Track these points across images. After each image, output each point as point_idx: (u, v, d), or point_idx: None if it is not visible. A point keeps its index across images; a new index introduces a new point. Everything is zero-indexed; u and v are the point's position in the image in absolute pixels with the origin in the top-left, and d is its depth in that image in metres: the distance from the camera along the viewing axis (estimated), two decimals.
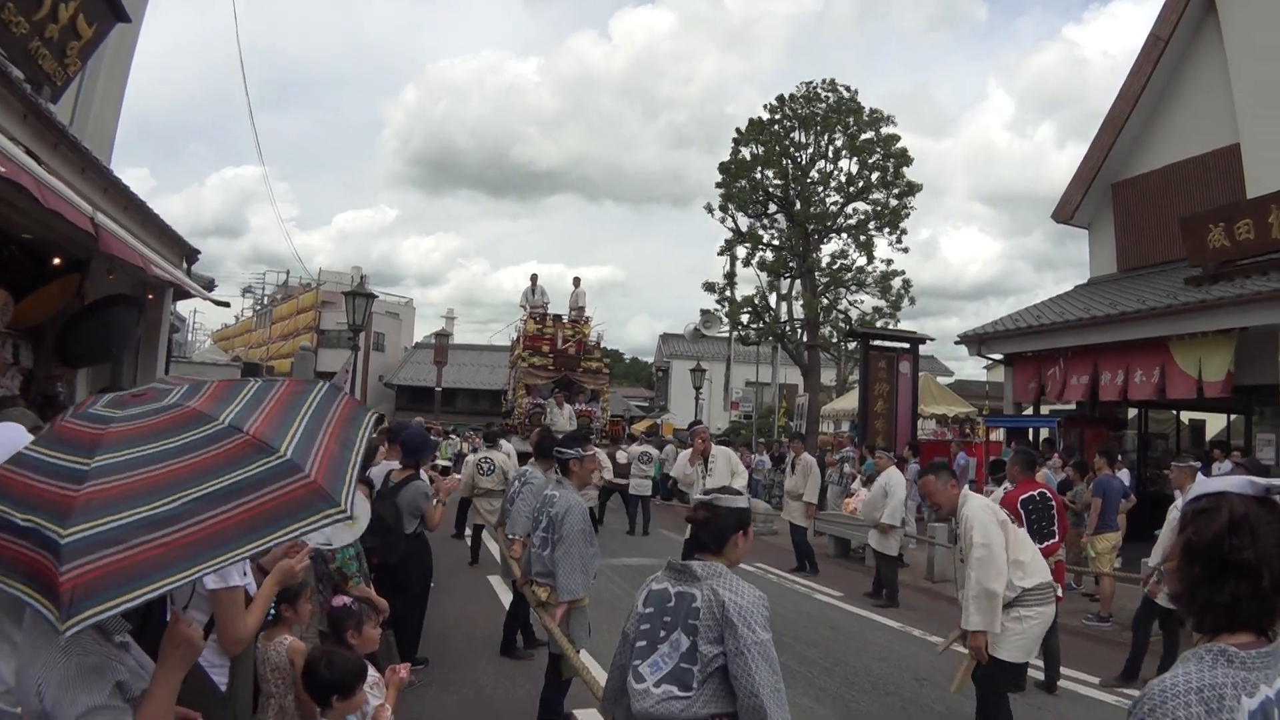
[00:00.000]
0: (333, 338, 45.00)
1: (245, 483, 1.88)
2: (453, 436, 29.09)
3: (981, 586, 4.71)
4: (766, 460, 21.13)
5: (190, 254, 11.30)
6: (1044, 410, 16.66)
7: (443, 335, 42.65)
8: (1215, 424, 19.04)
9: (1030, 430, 15.86)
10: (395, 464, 6.47)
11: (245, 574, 3.08)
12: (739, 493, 3.03)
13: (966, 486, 5.43)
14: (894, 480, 10.76)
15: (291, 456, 1.96)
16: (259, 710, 3.27)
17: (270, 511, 1.87)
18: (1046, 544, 6.78)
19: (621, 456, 16.90)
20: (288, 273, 55.20)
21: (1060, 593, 5.88)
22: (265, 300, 57.34)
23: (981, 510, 4.94)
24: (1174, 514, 6.64)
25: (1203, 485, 1.69)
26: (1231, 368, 11.75)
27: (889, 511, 10.52)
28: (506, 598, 7.84)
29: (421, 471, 6.50)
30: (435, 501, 6.34)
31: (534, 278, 23.42)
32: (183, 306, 36.26)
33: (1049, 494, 7.26)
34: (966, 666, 4.99)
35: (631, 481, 16.08)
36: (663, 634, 2.74)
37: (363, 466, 2.15)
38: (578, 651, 4.98)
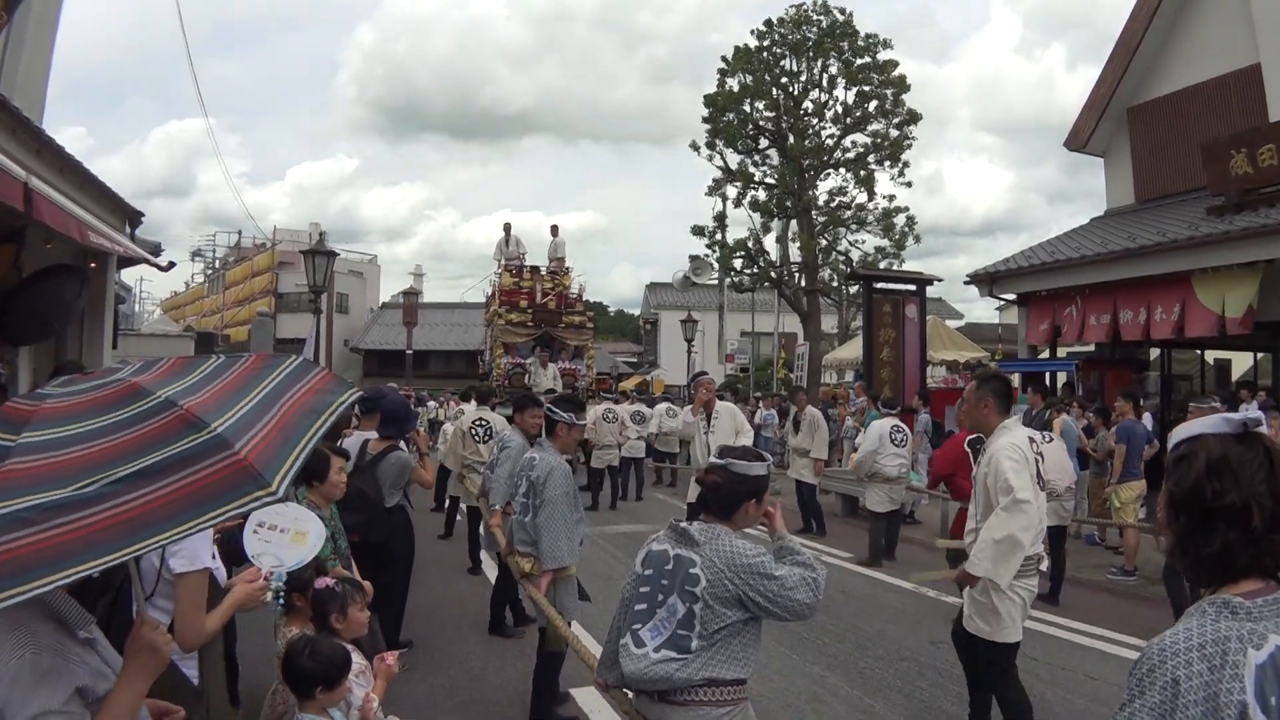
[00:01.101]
0: (292, 301, 44.74)
1: (168, 462, 1.83)
2: (429, 403, 29.07)
3: (1008, 532, 4.39)
4: (774, 415, 21.16)
5: (133, 217, 11.17)
6: (1061, 353, 16.77)
7: (411, 294, 42.40)
8: (1242, 363, 19.21)
9: (1047, 374, 15.94)
10: (372, 434, 6.47)
11: (214, 557, 3.10)
12: (762, 456, 3.05)
13: (1017, 418, 5.13)
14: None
15: (223, 432, 1.90)
16: (269, 699, 3.31)
17: (194, 494, 1.81)
18: None
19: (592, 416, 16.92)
20: (239, 233, 54.80)
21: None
22: (217, 264, 56.88)
23: (1012, 451, 4.60)
24: None
25: (1179, 431, 1.70)
26: (1255, 303, 11.82)
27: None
28: (493, 573, 7.90)
29: (402, 443, 6.51)
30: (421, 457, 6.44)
31: (507, 228, 23.19)
32: (128, 275, 35.93)
33: None
34: (942, 574, 4.88)
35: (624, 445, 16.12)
36: (661, 597, 2.83)
37: (333, 438, 2.14)
38: (568, 624, 5.03)
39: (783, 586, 2.77)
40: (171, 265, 11.55)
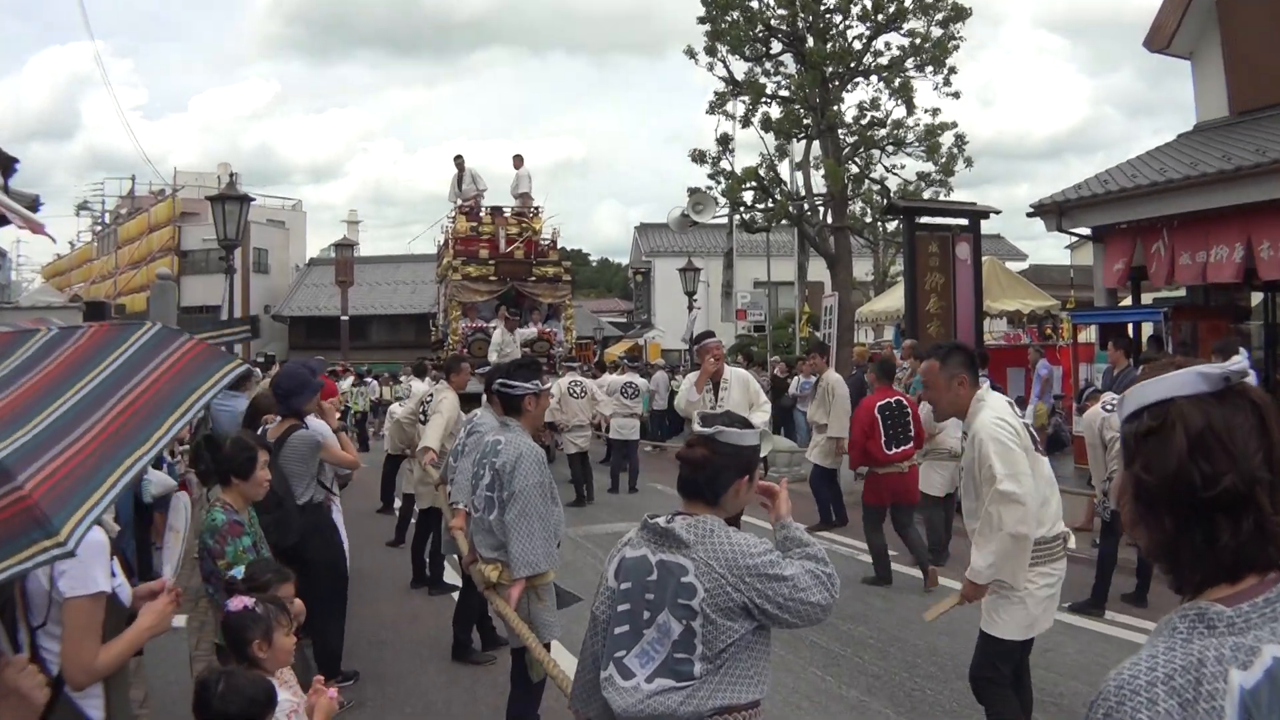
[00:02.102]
0: (199, 260, 44.61)
1: None
2: (369, 380, 29.07)
3: (1004, 532, 4.59)
4: (810, 383, 20.86)
5: (6, 164, 11.08)
6: (1146, 299, 16.77)
7: (345, 246, 42.26)
8: None
9: (1130, 326, 15.96)
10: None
11: (114, 574, 3.08)
12: (750, 424, 3.04)
13: (986, 385, 5.18)
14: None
15: (4, 458, 1.79)
16: None
17: None
18: (901, 449, 9.65)
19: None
20: (133, 179, 54.38)
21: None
22: (107, 219, 56.57)
23: (998, 427, 4.73)
24: None
25: (1136, 394, 1.55)
26: None
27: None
28: (457, 586, 7.92)
29: (312, 419, 6.49)
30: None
31: (459, 161, 23.08)
32: (3, 236, 35.61)
33: (905, 401, 9.86)
34: (951, 602, 4.98)
35: (612, 422, 16.17)
36: (647, 615, 2.79)
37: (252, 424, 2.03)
38: (547, 644, 5.03)
39: (795, 588, 2.78)
40: (36, 214, 11.44)
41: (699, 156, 25.77)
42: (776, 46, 25.17)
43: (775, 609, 2.75)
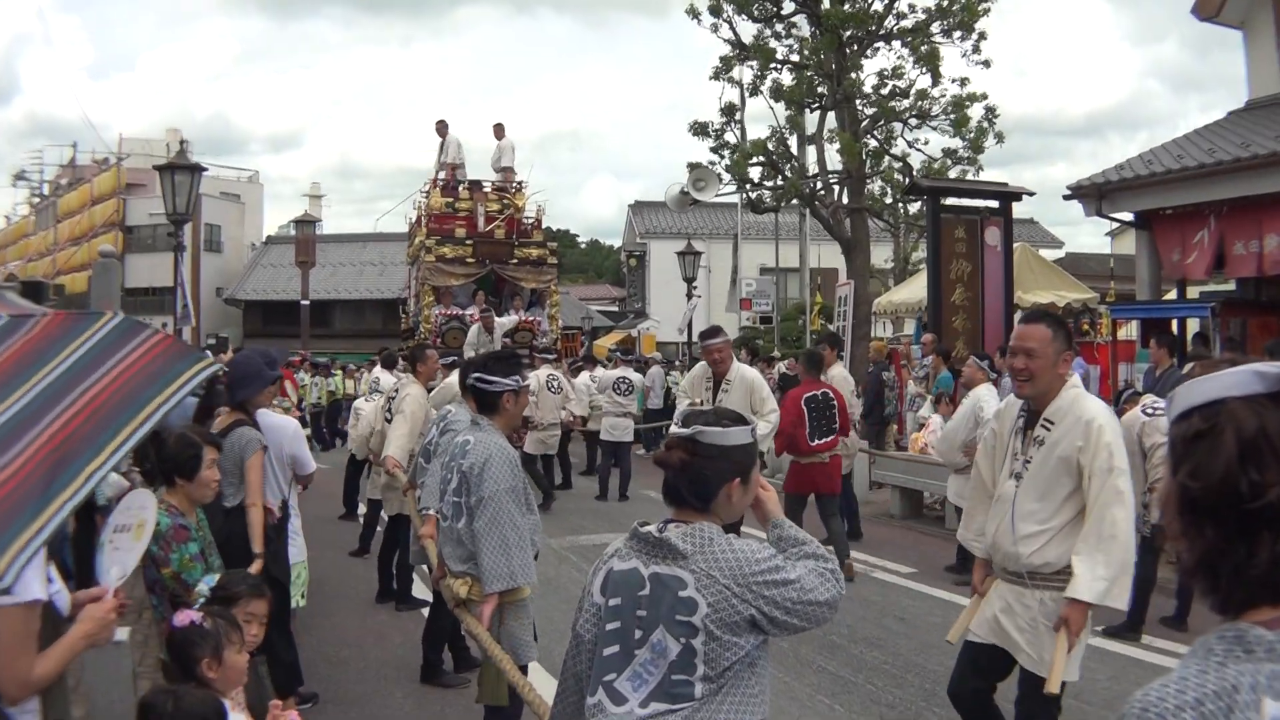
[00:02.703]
0: (145, 237, 44.58)
1: None
2: (335, 372, 29.04)
3: (1125, 540, 4.48)
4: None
5: None
6: (1193, 293, 16.80)
7: (307, 222, 42.10)
8: None
9: (1174, 322, 16.00)
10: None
11: (52, 580, 3.10)
12: (743, 418, 2.98)
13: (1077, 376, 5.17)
14: (986, 399, 10.91)
15: None
16: None
17: None
18: (824, 440, 10.38)
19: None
20: (75, 146, 54.28)
21: None
22: (45, 189, 56.46)
23: (1115, 420, 4.70)
24: None
25: (1186, 393, 1.56)
26: None
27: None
28: (428, 601, 7.93)
29: (268, 411, 6.51)
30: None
31: (443, 127, 23.04)
32: None
33: (831, 393, 10.70)
34: (1062, 654, 4.87)
35: (603, 422, 16.19)
36: (639, 634, 2.75)
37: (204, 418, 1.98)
38: (523, 666, 5.04)
39: (803, 590, 2.78)
40: None
41: (701, 128, 25.72)
42: (789, 6, 25.11)
43: (784, 614, 2.75)
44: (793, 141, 25.45)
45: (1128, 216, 16.58)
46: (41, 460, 1.83)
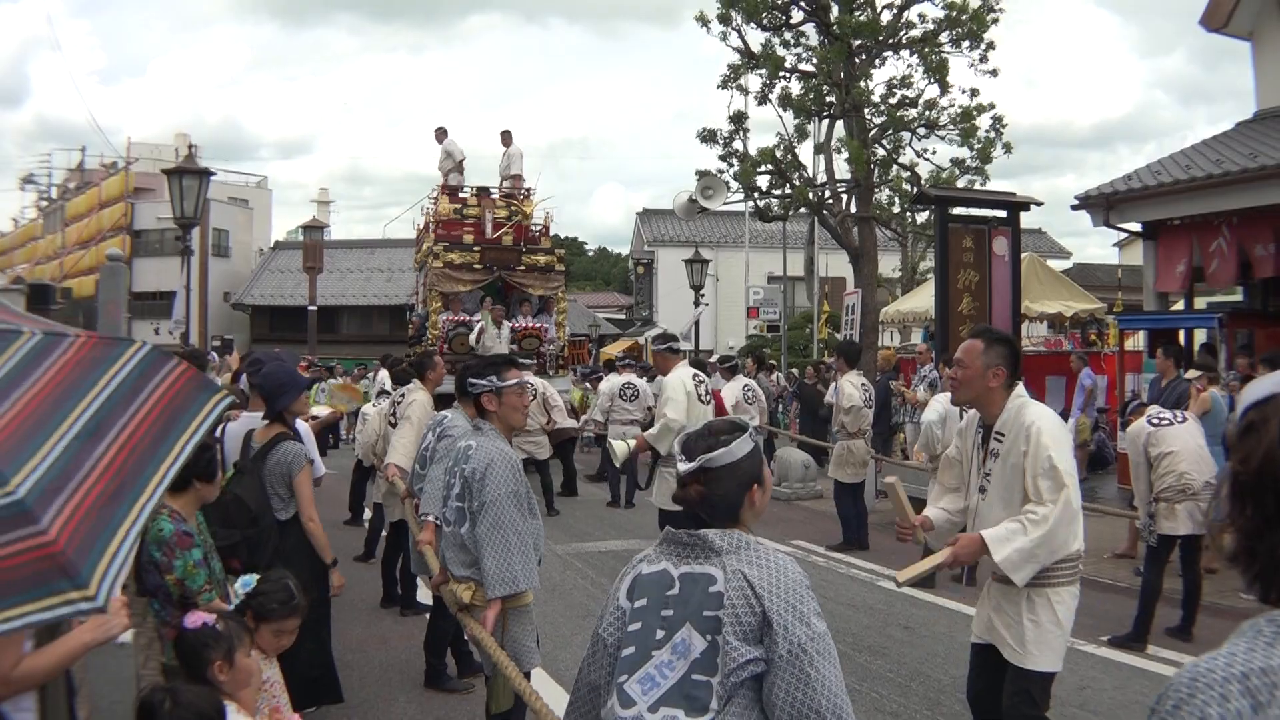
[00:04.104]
0: (152, 241, 44.64)
1: None
2: (341, 377, 29.05)
3: (1051, 538, 4.62)
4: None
5: None
6: (1200, 303, 16.78)
7: (315, 228, 42.13)
8: None
9: (1181, 332, 15.98)
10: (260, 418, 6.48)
11: None
12: (739, 425, 2.94)
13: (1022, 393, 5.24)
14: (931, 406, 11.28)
15: (24, 496, 1.78)
16: None
17: None
18: None
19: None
20: (83, 150, 54.40)
21: None
22: (53, 193, 56.59)
23: (1060, 424, 4.86)
24: None
25: (1249, 391, 1.68)
26: None
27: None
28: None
29: (300, 423, 6.51)
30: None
31: (441, 134, 23.08)
32: None
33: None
34: (934, 562, 4.94)
35: (610, 429, 16.20)
36: (660, 635, 2.68)
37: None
38: (526, 673, 5.03)
39: (819, 644, 2.61)
40: None
41: (709, 136, 25.73)
42: (797, 15, 25.13)
43: (782, 652, 2.57)
44: (801, 150, 25.43)
45: (1135, 227, 16.58)
46: (107, 484, 1.86)
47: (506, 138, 22.98)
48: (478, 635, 5.08)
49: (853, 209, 25.10)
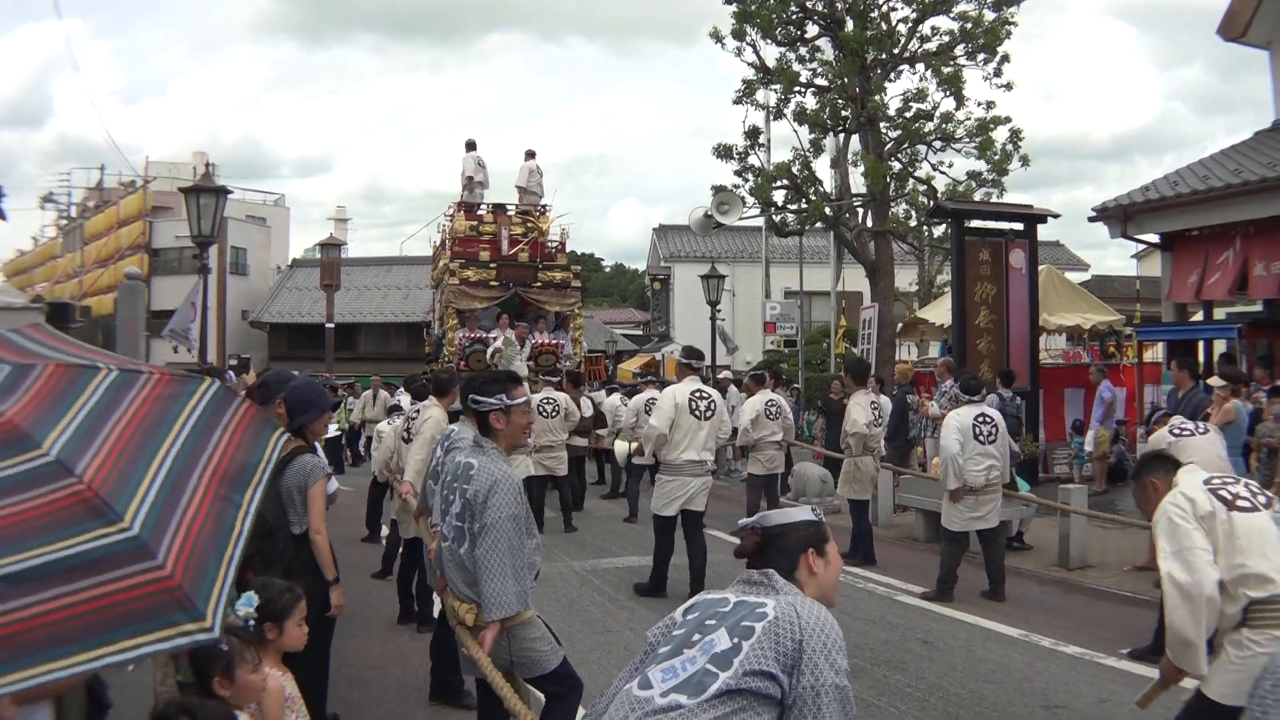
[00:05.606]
0: (170, 260, 44.78)
1: (73, 562, 1.75)
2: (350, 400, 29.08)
3: (1174, 633, 4.68)
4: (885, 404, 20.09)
5: None
6: (1219, 314, 16.72)
7: (333, 246, 42.31)
8: None
9: (1200, 343, 15.93)
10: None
11: None
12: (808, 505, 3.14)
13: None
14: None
15: (140, 531, 1.81)
16: None
17: (108, 613, 1.74)
18: None
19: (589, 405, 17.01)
20: (102, 169, 54.71)
21: None
22: (72, 211, 56.92)
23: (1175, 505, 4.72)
24: None
25: None
26: None
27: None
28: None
29: (316, 443, 6.53)
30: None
31: (471, 146, 23.14)
32: None
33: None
34: (1156, 688, 4.99)
35: (632, 445, 16.16)
36: (697, 637, 2.80)
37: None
38: (546, 677, 5.07)
39: (839, 694, 2.74)
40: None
41: (725, 151, 25.76)
42: (812, 30, 25.17)
43: (806, 687, 2.69)
44: (817, 164, 25.41)
45: (1153, 238, 16.55)
46: (205, 514, 1.92)
47: (529, 155, 23.14)
48: (475, 654, 5.05)
49: (869, 223, 25.10)
